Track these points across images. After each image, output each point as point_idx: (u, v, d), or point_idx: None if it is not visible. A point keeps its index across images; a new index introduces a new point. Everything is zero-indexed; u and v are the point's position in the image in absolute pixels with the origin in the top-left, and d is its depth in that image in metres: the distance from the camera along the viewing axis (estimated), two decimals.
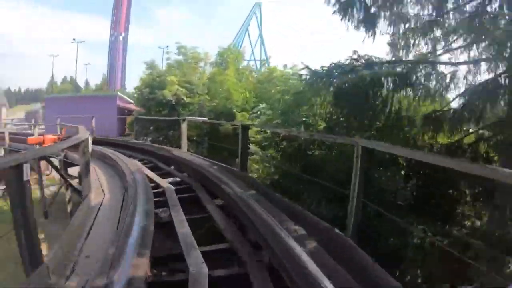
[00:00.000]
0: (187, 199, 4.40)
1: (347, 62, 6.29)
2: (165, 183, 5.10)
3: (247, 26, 54.75)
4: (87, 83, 55.36)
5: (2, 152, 11.97)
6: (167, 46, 15.38)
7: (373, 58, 6.39)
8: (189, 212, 3.72)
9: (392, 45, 6.66)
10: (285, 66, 14.62)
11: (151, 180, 5.29)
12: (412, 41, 6.20)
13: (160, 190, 4.71)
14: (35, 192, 12.81)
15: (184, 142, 9.55)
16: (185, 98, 12.35)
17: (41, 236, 7.46)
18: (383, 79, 5.90)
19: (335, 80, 6.03)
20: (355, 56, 6.38)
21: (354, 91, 5.70)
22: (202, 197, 4.37)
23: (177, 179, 5.74)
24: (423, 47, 6.17)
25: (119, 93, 31.27)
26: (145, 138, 12.79)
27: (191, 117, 10.25)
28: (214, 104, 12.01)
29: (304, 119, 6.04)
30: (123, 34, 54.21)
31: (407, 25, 6.30)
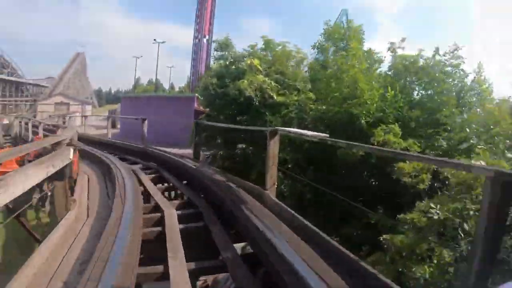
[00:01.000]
0: None
1: None
2: None
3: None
4: (171, 86, 56.15)
5: None
6: (256, 43, 10.99)
7: None
8: None
9: None
10: (436, 49, 8.64)
11: None
12: None
13: None
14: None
15: (273, 176, 4.62)
16: (275, 96, 7.47)
17: None
18: None
19: None
20: None
21: None
22: None
23: None
24: None
25: (197, 95, 28.56)
26: (208, 155, 8.33)
27: (288, 129, 5.24)
28: (325, 107, 6.82)
29: None
30: (207, 37, 53.44)
31: None
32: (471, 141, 5.19)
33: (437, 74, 8.04)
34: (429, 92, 8.24)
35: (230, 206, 3.59)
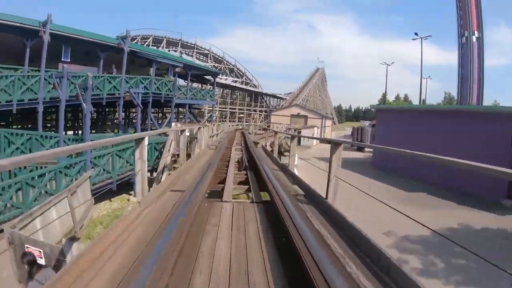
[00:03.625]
0: None
1: None
2: None
3: None
4: (423, 102, 47.35)
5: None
6: None
7: None
8: None
9: None
10: None
11: None
12: None
13: None
14: None
15: None
16: None
17: None
18: None
19: None
20: None
21: None
22: None
23: None
24: None
25: None
26: None
27: None
28: None
29: None
30: (476, 34, 41.23)
31: None
32: None
33: None
34: None
35: None
